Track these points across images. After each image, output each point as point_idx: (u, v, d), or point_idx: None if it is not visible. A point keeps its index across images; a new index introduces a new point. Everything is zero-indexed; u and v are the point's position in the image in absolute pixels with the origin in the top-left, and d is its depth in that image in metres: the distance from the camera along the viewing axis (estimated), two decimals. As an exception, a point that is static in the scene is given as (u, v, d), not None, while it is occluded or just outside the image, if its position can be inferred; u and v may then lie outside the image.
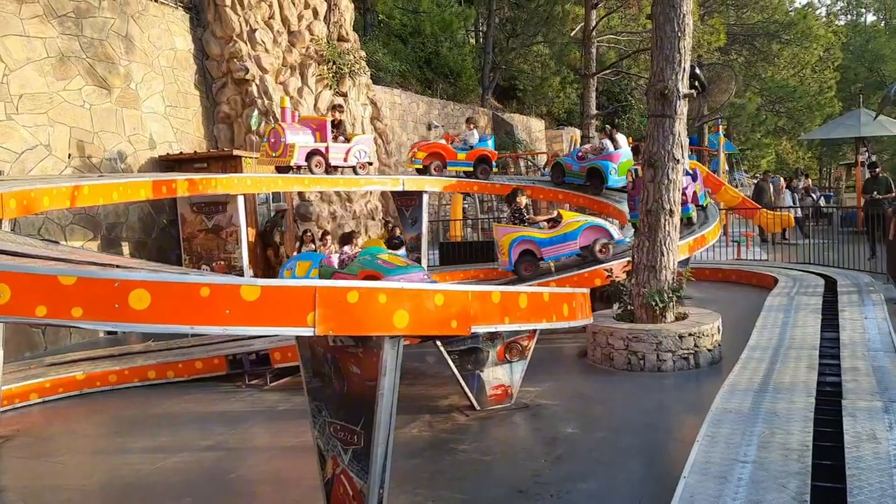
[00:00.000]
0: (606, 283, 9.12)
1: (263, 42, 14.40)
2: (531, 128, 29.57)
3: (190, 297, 3.38)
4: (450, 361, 6.61)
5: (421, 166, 12.95)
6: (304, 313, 3.59)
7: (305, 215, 14.65)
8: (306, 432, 5.60)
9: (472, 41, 32.02)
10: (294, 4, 15.25)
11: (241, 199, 10.80)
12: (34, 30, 10.32)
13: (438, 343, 6.50)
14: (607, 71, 25.47)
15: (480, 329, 4.17)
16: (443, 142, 13.38)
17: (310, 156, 11.20)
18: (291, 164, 11.01)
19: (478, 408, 6.69)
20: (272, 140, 11.09)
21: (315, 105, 15.38)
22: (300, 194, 14.36)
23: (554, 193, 13.65)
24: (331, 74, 15.71)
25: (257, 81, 14.14)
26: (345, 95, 16.16)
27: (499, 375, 6.72)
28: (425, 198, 12.96)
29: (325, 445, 4.42)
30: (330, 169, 11.51)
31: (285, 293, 3.59)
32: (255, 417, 6.98)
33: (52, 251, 4.29)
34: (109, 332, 10.54)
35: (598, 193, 12.86)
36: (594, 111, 21.66)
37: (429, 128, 22.71)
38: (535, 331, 6.56)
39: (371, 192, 16.25)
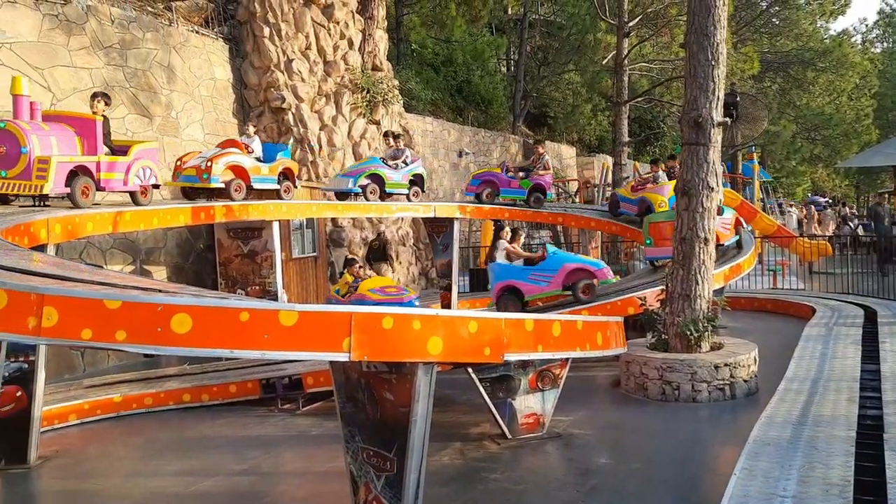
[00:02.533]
0: (640, 311, 9.04)
1: (300, 72, 14.71)
2: (562, 154, 29.60)
3: (230, 322, 3.45)
4: (481, 389, 6.59)
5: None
6: (340, 339, 3.64)
7: (338, 241, 14.81)
8: (339, 457, 5.63)
9: (504, 69, 32.28)
10: (330, 35, 15.58)
11: (275, 225, 10.97)
12: (81, 61, 10.69)
13: (470, 370, 6.50)
14: (639, 98, 25.39)
15: (513, 357, 4.17)
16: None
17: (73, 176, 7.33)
18: (44, 191, 6.99)
19: (509, 436, 6.64)
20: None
21: (349, 133, 15.62)
22: (333, 220, 14.53)
23: (586, 221, 13.62)
24: (364, 103, 15.96)
25: (293, 110, 14.42)
26: (378, 123, 16.38)
27: (531, 404, 6.68)
28: (456, 224, 13.01)
29: (358, 471, 4.44)
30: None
31: (322, 319, 3.65)
32: (287, 442, 7.02)
33: (96, 275, 4.41)
34: (146, 356, 10.71)
35: None
36: (626, 138, 21.57)
37: (459, 155, 22.86)
38: (567, 359, 6.53)
39: (402, 219, 16.37)
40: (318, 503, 5.43)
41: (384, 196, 11.65)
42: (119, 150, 8.17)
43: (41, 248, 6.19)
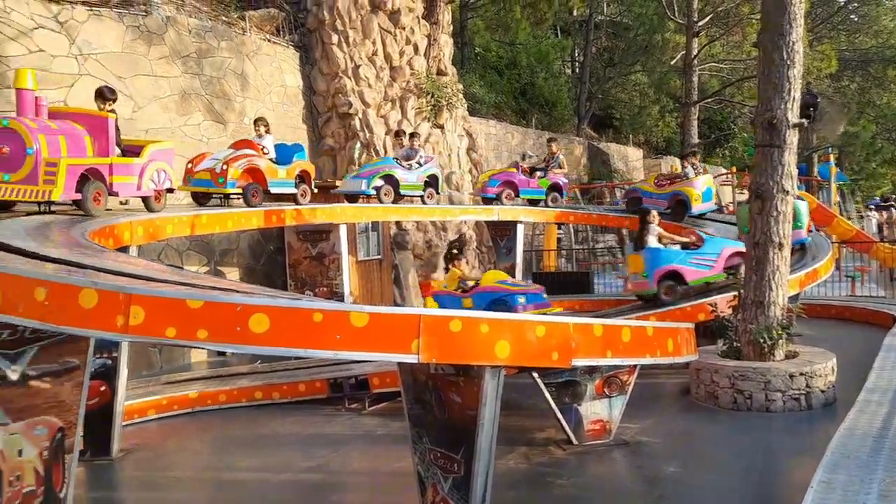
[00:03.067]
0: (710, 318, 8.82)
1: (367, 77, 14.96)
2: (628, 157, 29.14)
3: (304, 322, 3.56)
4: (546, 394, 6.56)
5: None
6: (409, 340, 3.70)
7: (402, 244, 14.98)
8: (405, 458, 5.70)
9: (568, 71, 32.03)
10: (396, 41, 15.78)
11: (343, 228, 11.19)
12: (160, 70, 11.16)
13: (535, 375, 6.48)
14: (709, 99, 24.87)
15: (581, 362, 4.15)
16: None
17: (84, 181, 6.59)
18: (53, 197, 6.24)
19: (575, 442, 6.59)
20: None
21: (413, 137, 15.80)
22: (397, 223, 14.71)
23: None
24: (429, 107, 16.10)
25: (360, 115, 14.67)
26: (442, 127, 16.50)
27: (597, 410, 6.61)
28: (520, 228, 12.97)
29: (426, 472, 4.49)
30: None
31: (392, 320, 3.72)
32: (354, 441, 7.15)
33: (177, 276, 4.61)
34: (219, 354, 11.07)
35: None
36: (695, 140, 21.13)
37: (523, 158, 22.74)
38: (635, 366, 6.43)
39: (465, 222, 16.43)
40: (384, 502, 5.52)
41: (398, 198, 11.24)
42: (130, 150, 7.31)
43: (124, 249, 6.48)
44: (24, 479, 4.32)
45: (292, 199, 9.62)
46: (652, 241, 9.62)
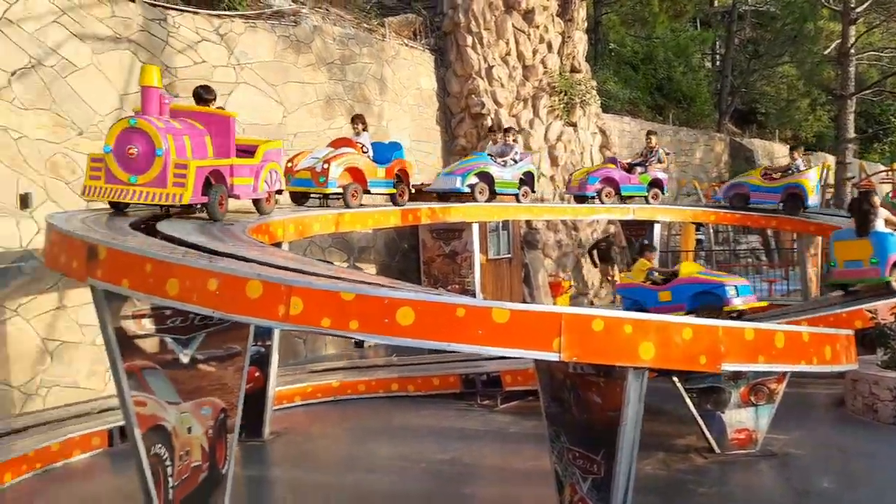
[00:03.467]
0: (869, 325, 8.16)
1: (499, 77, 15.05)
2: (773, 153, 27.44)
3: (448, 317, 3.66)
4: (688, 399, 6.35)
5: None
6: (551, 339, 3.71)
7: (532, 243, 14.94)
8: (538, 457, 5.72)
9: (709, 65, 30.60)
10: (529, 40, 15.77)
11: (475, 227, 11.33)
12: (308, 76, 11.79)
13: (675, 379, 6.29)
14: (867, 91, 22.86)
15: (731, 367, 3.99)
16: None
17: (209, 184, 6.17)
18: (184, 201, 5.78)
19: (717, 451, 6.33)
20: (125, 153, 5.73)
21: (545, 135, 15.70)
22: (528, 223, 14.69)
23: (804, 225, 12.50)
24: (562, 105, 15.95)
25: (492, 115, 14.79)
26: (574, 125, 16.30)
27: (742, 418, 6.31)
28: (657, 227, 12.58)
29: (563, 472, 4.48)
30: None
31: (533, 318, 3.75)
32: (487, 437, 7.24)
33: (328, 270, 4.87)
34: (357, 345, 11.54)
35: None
36: (851, 135, 19.47)
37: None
38: (785, 373, 6.09)
39: (597, 221, 16.14)
40: (518, 499, 5.56)
41: (493, 196, 10.84)
42: (243, 150, 6.86)
43: (277, 244, 6.92)
44: (193, 454, 4.72)
45: (391, 198, 9.48)
46: (880, 226, 8.87)
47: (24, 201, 7.95)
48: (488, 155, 11.10)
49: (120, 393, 4.39)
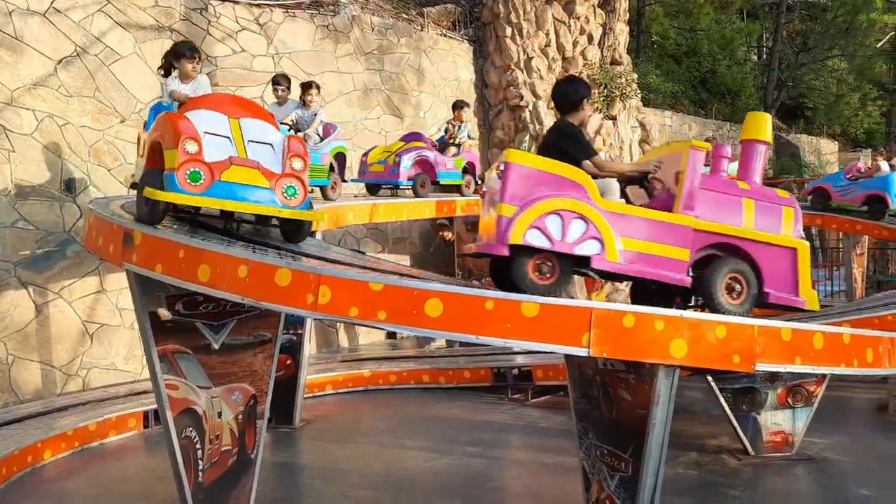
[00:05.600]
0: (915, 328, 7.89)
1: (538, 69, 14.89)
2: (821, 150, 26.69)
3: (477, 309, 3.62)
4: (722, 400, 6.23)
5: None
6: (580, 333, 3.65)
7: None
8: (568, 452, 5.67)
9: (755, 58, 29.88)
10: (570, 31, 15.56)
11: (511, 220, 11.24)
12: (345, 66, 11.83)
13: (710, 378, 6.16)
14: (922, 85, 22.12)
15: (766, 367, 3.88)
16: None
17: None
18: None
19: (751, 453, 6.20)
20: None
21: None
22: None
23: (851, 224, 12.13)
24: (601, 98, 15.72)
25: (530, 107, 14.65)
26: (614, 118, 16.06)
27: (778, 421, 6.16)
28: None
29: (591, 468, 4.42)
30: None
31: (563, 312, 3.69)
32: (517, 431, 7.21)
33: (359, 260, 4.88)
34: (390, 335, 11.59)
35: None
36: (903, 131, 18.90)
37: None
38: (825, 376, 5.92)
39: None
40: (547, 495, 5.51)
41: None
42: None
43: (312, 234, 6.96)
44: (222, 438, 4.79)
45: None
46: None
47: (69, 186, 8.15)
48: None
49: (153, 376, 4.46)
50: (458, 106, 10.27)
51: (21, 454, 5.88)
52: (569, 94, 4.40)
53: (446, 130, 10.20)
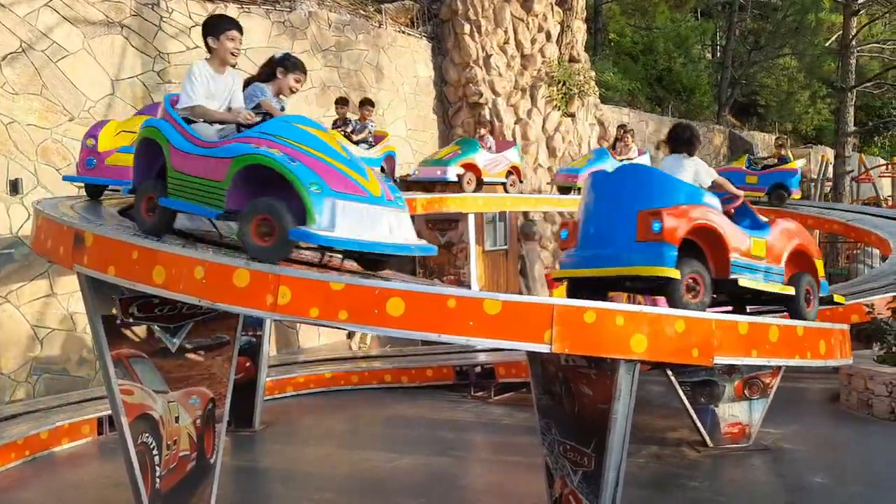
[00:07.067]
0: (866, 319, 8.12)
1: (498, 66, 14.92)
2: (773, 146, 27.35)
3: (439, 308, 3.60)
4: (681, 393, 6.33)
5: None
6: (542, 330, 3.66)
7: (529, 235, 14.87)
8: (530, 449, 5.68)
9: (709, 56, 30.44)
10: (528, 28, 15.63)
11: (471, 217, 11.26)
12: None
13: (669, 372, 6.25)
14: (868, 84, 22.75)
15: (724, 360, 3.95)
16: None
17: None
18: None
19: (710, 444, 6.31)
20: None
21: (543, 126, 15.60)
22: (525, 214, 14.61)
23: (801, 219, 12.42)
24: (560, 95, 15.83)
25: (490, 105, 14.67)
26: (573, 116, 16.19)
27: (735, 412, 6.29)
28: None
29: (554, 464, 4.44)
30: None
31: (525, 309, 3.69)
32: (480, 429, 7.21)
33: (317, 259, 4.81)
34: (349, 336, 11.49)
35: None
36: (851, 128, 19.44)
37: (657, 147, 21.95)
38: (780, 368, 6.05)
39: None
40: (510, 491, 5.52)
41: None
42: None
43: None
44: (180, 444, 4.68)
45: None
46: None
47: (15, 187, 7.88)
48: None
49: (107, 381, 4.33)
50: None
51: (-32, 465, 5.67)
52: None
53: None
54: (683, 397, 6.29)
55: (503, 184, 11.75)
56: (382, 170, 8.95)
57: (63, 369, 8.15)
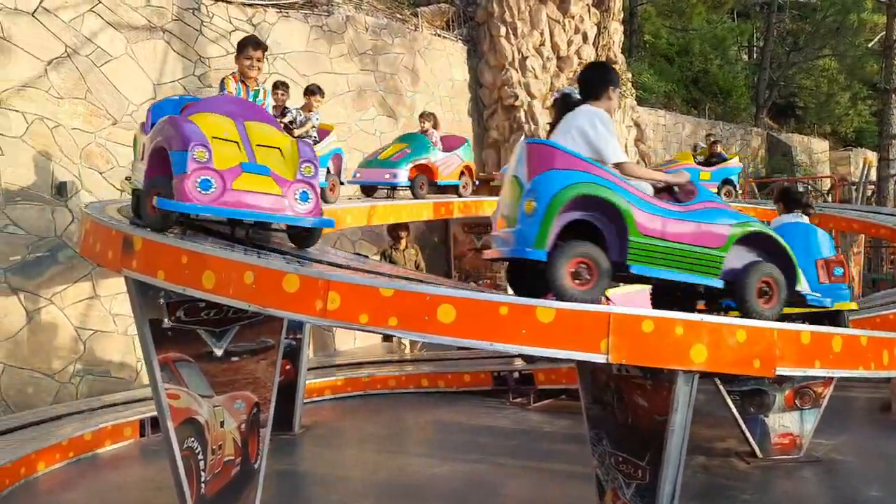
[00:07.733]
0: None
1: (533, 69, 14.81)
2: (812, 149, 26.81)
3: (490, 315, 3.50)
4: (730, 402, 6.16)
5: None
6: (598, 339, 3.54)
7: (566, 238, 14.71)
8: (573, 457, 5.59)
9: (746, 57, 29.99)
10: (564, 30, 15.49)
11: (508, 221, 11.13)
12: (340, 67, 11.69)
13: (718, 381, 6.08)
14: (912, 84, 22.15)
15: (787, 371, 3.80)
16: None
17: None
18: None
19: (760, 455, 6.13)
20: None
21: (580, 129, 15.45)
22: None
23: (847, 223, 12.12)
24: (597, 98, 15.66)
25: (525, 107, 14.56)
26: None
27: (786, 423, 6.10)
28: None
29: (605, 476, 4.32)
30: None
31: (580, 317, 3.58)
32: (520, 436, 7.10)
33: (363, 264, 4.76)
34: (385, 339, 11.44)
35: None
36: (894, 130, 18.91)
37: (694, 149, 21.64)
38: (832, 378, 5.85)
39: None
40: (555, 501, 5.41)
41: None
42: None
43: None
44: (225, 448, 4.65)
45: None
46: None
47: (60, 190, 7.97)
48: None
49: (153, 385, 4.32)
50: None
51: (14, 466, 5.72)
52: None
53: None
54: (732, 407, 6.12)
55: (455, 186, 9.75)
56: (328, 171, 7.63)
57: (105, 371, 8.22)
